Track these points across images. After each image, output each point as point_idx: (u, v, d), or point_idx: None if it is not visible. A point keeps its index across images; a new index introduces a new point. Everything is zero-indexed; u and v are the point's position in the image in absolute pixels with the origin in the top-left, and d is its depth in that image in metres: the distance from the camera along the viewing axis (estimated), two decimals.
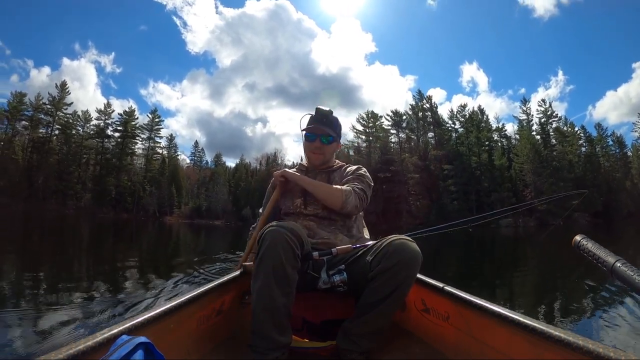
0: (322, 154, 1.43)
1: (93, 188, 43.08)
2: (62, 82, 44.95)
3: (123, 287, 3.96)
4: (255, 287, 1.02)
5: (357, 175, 1.38)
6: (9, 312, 2.67)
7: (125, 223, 27.91)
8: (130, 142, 45.98)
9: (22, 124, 43.20)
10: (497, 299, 3.66)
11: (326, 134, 1.41)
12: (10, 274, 4.53)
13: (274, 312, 1.00)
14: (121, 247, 10.08)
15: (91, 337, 0.69)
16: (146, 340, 0.67)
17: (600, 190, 36.72)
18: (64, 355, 0.62)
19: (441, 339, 1.16)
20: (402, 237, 1.12)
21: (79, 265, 5.98)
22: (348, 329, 1.13)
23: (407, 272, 1.05)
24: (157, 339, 0.72)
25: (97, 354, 0.66)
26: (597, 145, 41.68)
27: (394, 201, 38.51)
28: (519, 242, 14.48)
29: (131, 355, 0.63)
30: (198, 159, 54.48)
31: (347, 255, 1.21)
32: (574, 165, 38.45)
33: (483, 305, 0.95)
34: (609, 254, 0.72)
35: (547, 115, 40.81)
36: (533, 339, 0.78)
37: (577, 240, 0.82)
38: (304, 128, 1.43)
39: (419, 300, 1.28)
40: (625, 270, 0.66)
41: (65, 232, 13.94)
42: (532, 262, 6.60)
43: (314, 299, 1.32)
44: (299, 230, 1.09)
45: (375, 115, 44.01)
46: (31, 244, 8.93)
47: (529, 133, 39.72)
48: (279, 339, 1.00)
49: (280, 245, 1.01)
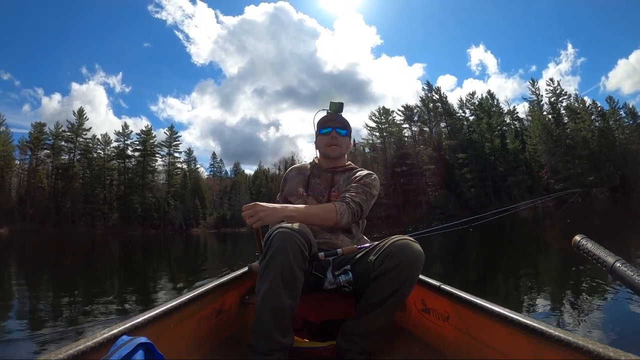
0: (339, 145, 1.39)
1: (119, 207, 44.67)
2: (80, 109, 46.56)
3: (155, 299, 4.28)
4: (261, 288, 1.00)
5: (362, 184, 1.34)
6: (47, 333, 2.87)
7: (154, 238, 29.07)
8: (151, 159, 47.53)
9: (44, 153, 44.89)
10: (500, 294, 3.78)
11: (341, 124, 1.41)
12: (48, 295, 4.87)
13: (279, 314, 0.99)
14: (151, 261, 10.60)
15: (91, 337, 0.69)
16: (146, 340, 0.67)
17: (616, 164, 36.51)
18: (64, 355, 0.62)
19: (441, 339, 1.16)
20: (405, 237, 1.13)
21: (111, 281, 6.35)
22: (348, 329, 1.13)
23: (409, 272, 1.06)
24: (158, 339, 0.73)
25: (98, 354, 0.66)
26: (611, 119, 41.09)
27: (413, 193, 39.36)
28: (537, 224, 14.10)
29: (132, 356, 0.63)
30: (217, 169, 56.12)
31: (350, 255, 1.21)
32: (588, 141, 38.17)
33: (483, 305, 0.94)
34: (609, 254, 0.72)
35: (556, 94, 40.78)
36: (533, 339, 0.77)
37: (577, 240, 0.82)
38: (321, 123, 1.42)
39: (419, 300, 1.28)
40: (624, 270, 0.66)
41: (96, 252, 14.52)
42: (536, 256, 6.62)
43: (315, 299, 1.30)
44: (307, 232, 1.07)
45: (387, 111, 44.66)
46: (63, 265, 9.31)
47: (540, 113, 39.74)
48: (282, 340, 1.00)
49: (289, 248, 0.99)
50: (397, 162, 39.53)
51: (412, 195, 39.29)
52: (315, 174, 1.43)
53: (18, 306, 4.21)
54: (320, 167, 1.43)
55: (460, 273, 5.52)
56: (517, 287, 4.28)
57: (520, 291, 4.10)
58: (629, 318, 2.75)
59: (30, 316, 3.64)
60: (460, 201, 37.29)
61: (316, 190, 1.38)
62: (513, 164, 38.34)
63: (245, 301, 1.33)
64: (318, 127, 1.43)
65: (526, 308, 3.25)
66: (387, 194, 38.76)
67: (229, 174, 56.25)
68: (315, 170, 1.44)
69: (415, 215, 36.13)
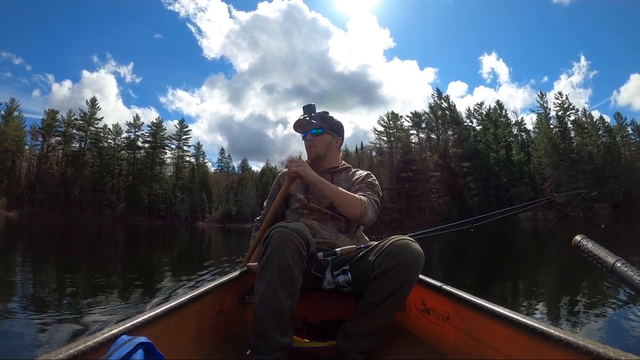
0: (315, 146, 1.41)
1: (127, 197, 45.36)
2: (92, 98, 47.20)
3: (160, 288, 4.30)
4: (259, 288, 1.00)
5: (368, 184, 1.35)
6: (50, 315, 2.87)
7: (159, 229, 29.40)
8: (160, 152, 48.24)
9: (56, 140, 45.59)
10: (504, 297, 3.79)
11: (314, 125, 1.41)
12: (52, 279, 4.91)
13: (278, 313, 0.99)
14: (156, 250, 10.87)
15: (91, 337, 0.69)
16: (146, 340, 0.68)
17: (620, 181, 36.67)
18: (64, 355, 0.62)
19: (441, 339, 1.16)
20: (405, 237, 1.13)
21: (115, 267, 6.41)
22: (348, 329, 1.13)
23: (409, 272, 1.06)
24: (158, 339, 0.73)
25: (98, 354, 0.66)
26: (617, 135, 41.06)
27: (417, 199, 39.84)
28: (531, 236, 14.43)
29: (131, 355, 0.63)
30: (225, 165, 56.90)
31: (350, 255, 1.20)
32: (593, 156, 38.35)
33: (483, 306, 0.94)
34: (609, 254, 0.72)
35: (564, 108, 40.94)
36: (533, 339, 0.77)
37: (577, 240, 0.82)
38: (295, 129, 1.44)
39: (419, 300, 1.28)
40: (625, 270, 0.66)
41: (102, 240, 14.87)
42: (537, 260, 6.69)
43: (315, 299, 1.31)
44: (305, 231, 1.08)
45: (395, 116, 45.08)
46: (71, 251, 9.59)
47: (547, 127, 39.92)
48: (281, 340, 1.00)
49: (287, 247, 1.00)
50: (403, 167, 40.01)
51: (416, 201, 39.78)
52: None
53: (21, 290, 4.10)
54: (318, 169, 1.42)
55: (461, 274, 5.63)
56: (516, 288, 4.30)
57: (520, 291, 4.11)
58: (629, 318, 2.74)
59: (33, 301, 3.58)
60: (463, 209, 37.73)
61: (316, 193, 1.37)
62: (517, 175, 38.65)
63: (245, 301, 1.33)
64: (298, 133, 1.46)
65: (526, 308, 3.24)
66: (392, 198, 39.31)
67: (236, 169, 57.10)
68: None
69: (418, 220, 36.61)
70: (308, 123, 1.42)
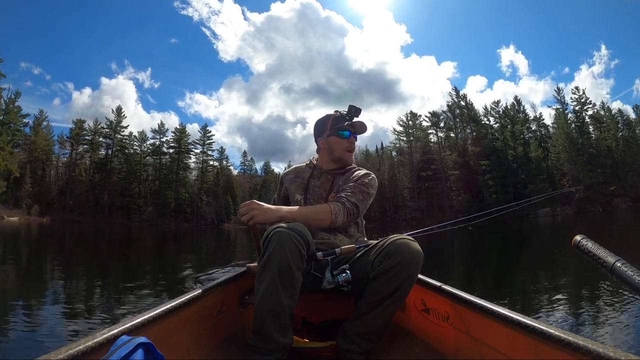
0: (353, 152, 1.44)
1: (154, 201, 47.12)
2: (118, 107, 48.96)
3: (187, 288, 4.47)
4: (260, 288, 1.01)
5: (358, 184, 1.34)
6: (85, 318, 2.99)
7: (187, 232, 30.79)
8: (185, 156, 49.94)
9: (83, 148, 47.33)
10: (503, 296, 3.78)
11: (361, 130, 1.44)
12: (83, 280, 5.14)
13: (278, 313, 1.00)
14: (184, 251, 11.44)
15: (91, 337, 0.69)
16: (146, 340, 0.67)
17: None
18: (64, 355, 0.62)
19: (441, 339, 1.15)
20: (404, 236, 1.13)
21: (145, 268, 6.60)
22: (348, 329, 1.13)
23: (408, 271, 1.06)
24: (157, 339, 0.73)
25: (97, 354, 0.66)
26: (637, 128, 40.06)
27: (437, 197, 40.73)
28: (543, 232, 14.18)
29: (131, 355, 0.63)
30: (247, 167, 58.75)
31: (349, 254, 1.21)
32: (612, 150, 38.05)
33: (483, 306, 0.94)
34: (609, 254, 0.72)
35: (581, 103, 40.69)
36: (533, 339, 0.77)
37: (577, 240, 0.81)
38: (340, 125, 1.40)
39: (419, 300, 1.28)
40: (625, 270, 0.66)
41: (132, 242, 15.43)
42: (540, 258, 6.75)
43: (314, 299, 1.31)
44: (305, 231, 1.07)
45: (414, 115, 45.78)
46: (102, 253, 10.04)
47: (565, 122, 39.83)
48: (281, 340, 1.01)
49: (287, 247, 1.00)
50: (422, 166, 40.78)
51: (437, 199, 40.59)
52: (315, 175, 1.43)
53: (52, 291, 4.34)
54: (321, 168, 1.43)
55: (463, 274, 5.73)
56: (516, 288, 4.33)
57: (519, 291, 4.13)
58: (629, 318, 2.74)
59: (64, 301, 3.80)
60: (483, 207, 38.35)
61: (316, 194, 1.39)
62: (535, 172, 38.82)
63: (245, 301, 1.34)
64: (335, 128, 1.41)
65: (526, 308, 3.24)
66: (412, 197, 40.31)
67: (258, 172, 58.74)
68: (315, 171, 1.44)
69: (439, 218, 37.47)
70: (359, 126, 1.44)
